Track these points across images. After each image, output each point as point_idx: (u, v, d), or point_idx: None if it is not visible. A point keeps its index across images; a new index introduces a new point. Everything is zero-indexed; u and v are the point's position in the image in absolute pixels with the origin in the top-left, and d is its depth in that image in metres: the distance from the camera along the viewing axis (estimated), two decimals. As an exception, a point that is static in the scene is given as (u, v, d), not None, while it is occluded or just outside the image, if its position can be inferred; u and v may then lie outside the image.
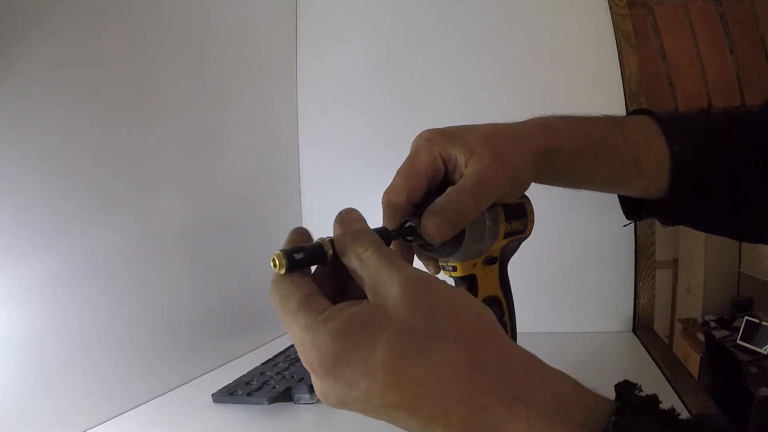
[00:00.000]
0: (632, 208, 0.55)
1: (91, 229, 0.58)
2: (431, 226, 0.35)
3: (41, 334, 0.52)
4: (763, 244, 0.50)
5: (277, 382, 0.63)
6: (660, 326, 1.10)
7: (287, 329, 0.28)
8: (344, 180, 0.97)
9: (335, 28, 0.99)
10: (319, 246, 0.30)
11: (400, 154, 0.41)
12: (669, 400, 0.28)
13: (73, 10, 0.56)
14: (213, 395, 0.63)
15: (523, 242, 0.45)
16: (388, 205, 0.38)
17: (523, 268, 0.47)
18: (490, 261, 0.42)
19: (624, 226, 0.57)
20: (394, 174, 0.39)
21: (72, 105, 0.56)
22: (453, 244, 0.37)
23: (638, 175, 0.48)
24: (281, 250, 0.29)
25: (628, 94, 0.82)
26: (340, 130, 0.97)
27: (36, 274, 0.52)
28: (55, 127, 0.54)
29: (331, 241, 0.30)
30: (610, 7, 0.83)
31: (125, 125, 0.63)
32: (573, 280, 0.86)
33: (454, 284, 0.40)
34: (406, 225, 0.36)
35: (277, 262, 0.28)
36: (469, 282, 0.41)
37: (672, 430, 0.24)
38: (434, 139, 0.40)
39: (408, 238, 0.36)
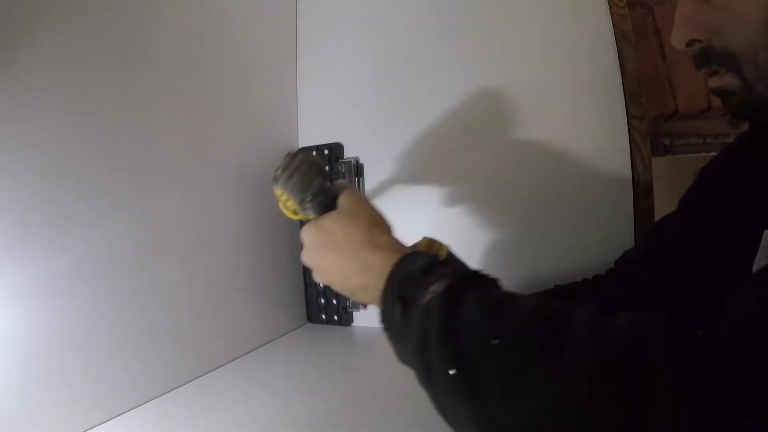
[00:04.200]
0: None
1: (92, 230, 0.58)
2: None
3: (42, 334, 0.52)
4: None
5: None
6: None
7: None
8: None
9: (335, 25, 0.99)
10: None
11: (399, 153, 0.41)
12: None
13: (73, 10, 0.56)
14: None
15: (527, 246, 0.45)
16: None
17: (524, 269, 0.47)
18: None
19: None
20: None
21: (72, 105, 0.56)
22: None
23: None
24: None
25: (628, 94, 0.81)
26: (340, 130, 0.97)
27: (37, 274, 0.52)
28: (56, 127, 0.54)
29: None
30: (610, 7, 0.83)
31: (126, 125, 0.63)
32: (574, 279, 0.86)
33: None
34: None
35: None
36: None
37: (434, 262, 0.39)
38: None
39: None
